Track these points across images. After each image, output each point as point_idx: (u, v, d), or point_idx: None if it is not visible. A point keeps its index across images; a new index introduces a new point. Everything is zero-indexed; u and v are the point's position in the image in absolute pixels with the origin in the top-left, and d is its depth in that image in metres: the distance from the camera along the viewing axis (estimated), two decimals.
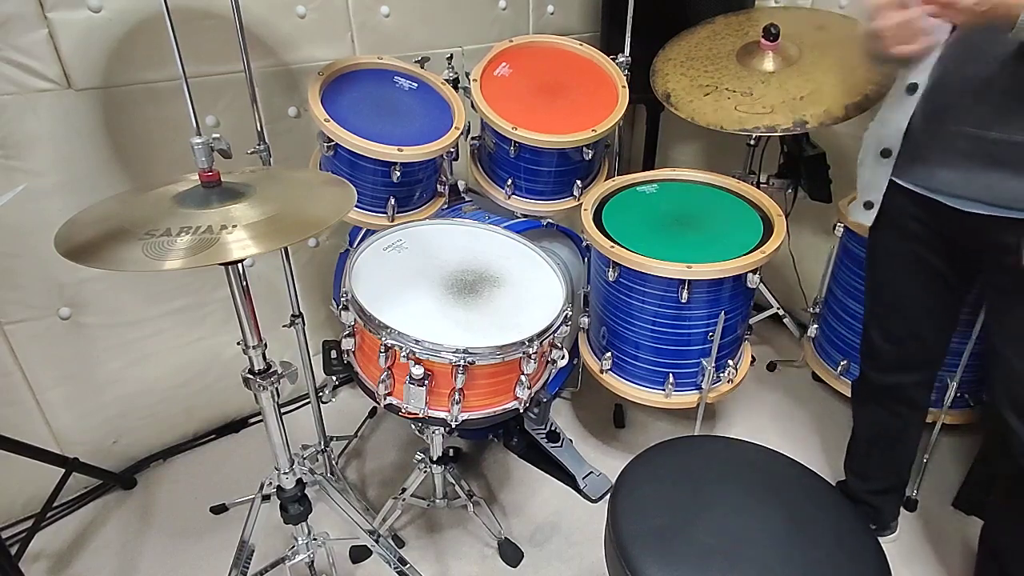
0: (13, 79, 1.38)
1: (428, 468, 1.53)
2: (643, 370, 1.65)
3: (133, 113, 1.55)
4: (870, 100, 1.62)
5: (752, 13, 2.05)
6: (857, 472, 1.61)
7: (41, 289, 1.54)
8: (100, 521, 1.71)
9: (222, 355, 1.91)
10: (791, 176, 2.07)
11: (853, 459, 1.62)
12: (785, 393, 2.18)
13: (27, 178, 1.45)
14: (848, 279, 1.78)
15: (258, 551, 1.31)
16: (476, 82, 1.69)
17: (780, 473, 1.08)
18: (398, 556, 1.39)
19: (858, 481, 1.60)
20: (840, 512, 1.01)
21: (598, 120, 1.67)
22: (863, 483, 1.59)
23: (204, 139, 1.00)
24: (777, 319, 2.33)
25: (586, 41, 1.85)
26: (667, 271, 1.46)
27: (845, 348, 1.82)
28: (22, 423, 1.61)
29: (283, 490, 1.25)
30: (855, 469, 1.61)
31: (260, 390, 1.13)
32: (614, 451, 1.94)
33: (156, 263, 0.84)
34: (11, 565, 1.28)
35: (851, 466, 1.63)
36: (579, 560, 1.59)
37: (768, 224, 1.59)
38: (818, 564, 0.91)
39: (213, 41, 1.60)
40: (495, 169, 1.78)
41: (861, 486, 1.59)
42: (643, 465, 1.09)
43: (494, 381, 1.21)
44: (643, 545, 0.94)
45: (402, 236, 1.43)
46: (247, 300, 1.07)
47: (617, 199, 1.73)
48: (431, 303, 1.25)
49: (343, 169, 1.53)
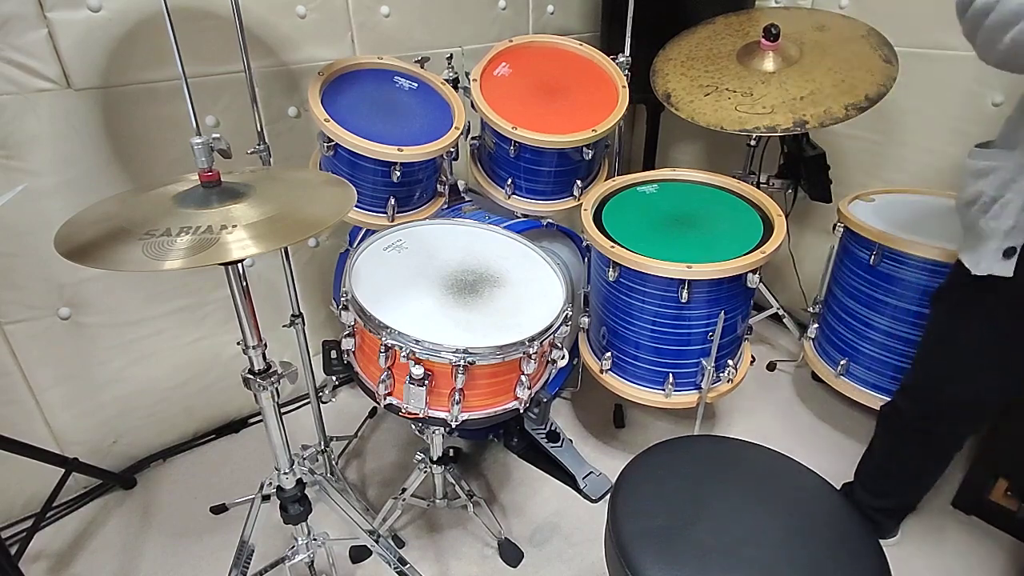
0: (13, 79, 1.38)
1: (428, 468, 1.53)
2: (643, 370, 1.65)
3: (133, 113, 1.55)
4: (870, 100, 1.62)
5: (752, 13, 2.06)
6: (868, 488, 1.56)
7: (41, 289, 1.54)
8: (100, 521, 1.71)
9: (222, 355, 1.91)
10: (791, 176, 2.07)
11: (867, 477, 1.56)
12: (785, 393, 2.18)
13: (27, 178, 1.45)
14: (848, 279, 1.78)
15: (258, 551, 1.31)
16: (476, 82, 1.69)
17: (780, 473, 1.08)
18: (398, 556, 1.39)
19: (867, 496, 1.55)
20: (840, 512, 1.01)
21: (598, 120, 1.67)
22: (873, 498, 1.54)
23: (204, 139, 1.00)
24: (777, 319, 2.33)
25: (586, 41, 1.85)
26: (667, 271, 1.46)
27: (845, 348, 1.82)
28: (22, 423, 1.61)
29: (283, 490, 1.25)
30: (867, 486, 1.56)
31: (260, 390, 1.13)
32: (614, 451, 1.94)
33: (156, 263, 0.84)
34: (11, 565, 1.28)
35: (863, 480, 1.57)
36: (579, 560, 1.59)
37: (768, 224, 1.59)
38: (818, 564, 0.91)
39: (213, 41, 1.60)
40: (495, 169, 1.78)
41: (869, 501, 1.55)
42: (643, 465, 1.09)
43: (494, 381, 1.21)
44: (643, 545, 0.94)
45: (402, 236, 1.43)
46: (247, 300, 1.07)
47: (617, 199, 1.73)
48: (431, 303, 1.25)
49: (343, 169, 1.53)
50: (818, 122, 1.62)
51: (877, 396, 1.76)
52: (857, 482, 1.59)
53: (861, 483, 1.58)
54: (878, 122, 2.02)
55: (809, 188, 2.04)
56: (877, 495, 1.55)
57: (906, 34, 1.84)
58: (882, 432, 1.52)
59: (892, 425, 1.47)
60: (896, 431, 1.47)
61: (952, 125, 1.88)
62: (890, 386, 1.74)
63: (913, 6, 1.86)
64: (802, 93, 1.69)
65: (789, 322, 2.33)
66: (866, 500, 1.55)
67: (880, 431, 1.52)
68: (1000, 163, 1.11)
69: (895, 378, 1.73)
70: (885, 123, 2.02)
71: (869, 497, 1.55)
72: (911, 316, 1.64)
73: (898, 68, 1.69)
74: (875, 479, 1.55)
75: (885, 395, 1.75)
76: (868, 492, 1.56)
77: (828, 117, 1.62)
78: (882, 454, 1.52)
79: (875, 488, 1.55)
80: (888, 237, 1.61)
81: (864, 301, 1.73)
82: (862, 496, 1.56)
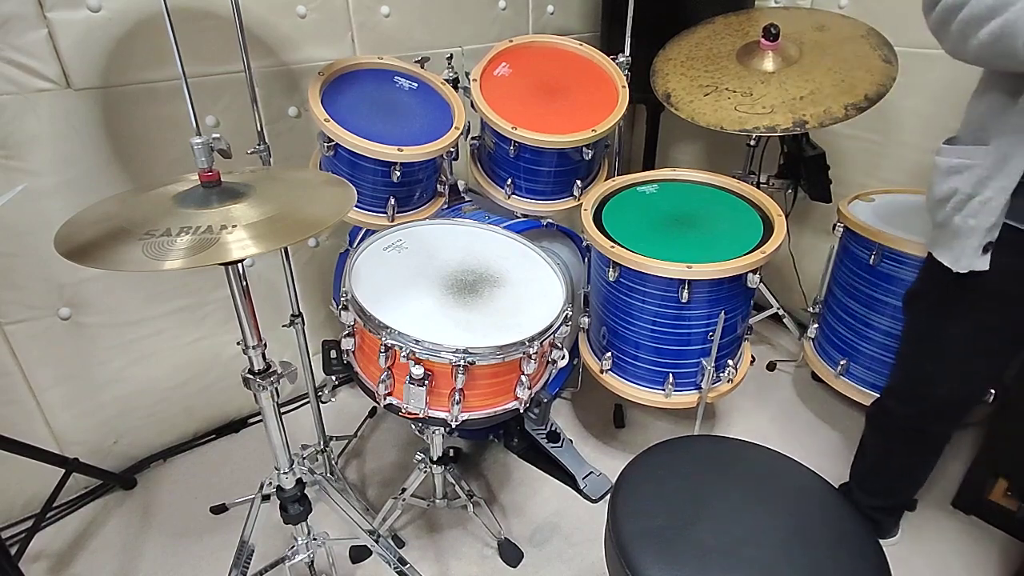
0: (13, 79, 1.38)
1: (428, 468, 1.53)
2: (643, 370, 1.65)
3: (133, 113, 1.55)
4: (870, 100, 1.62)
5: (752, 13, 2.06)
6: (863, 488, 1.56)
7: (41, 289, 1.54)
8: (100, 521, 1.71)
9: (222, 355, 1.91)
10: (791, 176, 2.07)
11: (861, 477, 1.57)
12: (785, 393, 2.18)
13: (27, 178, 1.45)
14: (848, 279, 1.78)
15: (258, 551, 1.31)
16: (476, 82, 1.69)
17: (780, 473, 1.08)
18: (398, 556, 1.39)
19: (864, 496, 1.55)
20: (840, 512, 1.01)
21: (598, 120, 1.67)
22: (869, 498, 1.55)
23: (204, 139, 1.00)
24: (777, 319, 2.33)
25: (586, 41, 1.85)
26: (667, 271, 1.46)
27: (845, 348, 1.82)
28: (22, 423, 1.61)
29: (283, 490, 1.25)
30: (863, 486, 1.56)
31: (260, 390, 1.12)
32: (614, 451, 1.94)
33: (156, 263, 0.84)
34: (11, 565, 1.28)
35: (857, 480, 1.58)
36: (579, 560, 1.59)
37: (768, 224, 1.59)
38: (818, 564, 0.91)
39: (213, 41, 1.60)
40: (495, 169, 1.78)
41: (866, 500, 1.55)
42: (643, 465, 1.09)
43: (494, 381, 1.21)
44: (643, 545, 0.94)
45: (402, 236, 1.43)
46: (247, 300, 1.07)
47: (617, 199, 1.73)
48: (431, 303, 1.25)
49: (343, 169, 1.53)
50: (818, 122, 1.62)
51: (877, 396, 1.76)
52: (853, 482, 1.59)
53: (857, 483, 1.58)
54: (878, 122, 2.02)
55: (809, 188, 2.04)
56: (873, 494, 1.55)
57: (906, 34, 1.84)
58: (871, 432, 1.52)
59: (881, 425, 1.47)
60: (886, 431, 1.47)
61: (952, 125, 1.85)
62: None
63: (913, 6, 1.85)
64: (802, 93, 1.69)
65: (789, 322, 2.33)
66: (863, 500, 1.55)
67: (869, 431, 1.52)
68: (975, 160, 1.09)
69: None
70: (885, 123, 2.02)
71: (866, 497, 1.55)
72: None
73: (898, 68, 1.69)
74: (869, 479, 1.55)
75: None
76: (864, 492, 1.56)
77: (828, 117, 1.62)
78: (874, 454, 1.52)
79: (870, 488, 1.55)
80: (888, 237, 1.61)
81: (864, 301, 1.73)
82: (859, 496, 1.56)
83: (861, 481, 1.57)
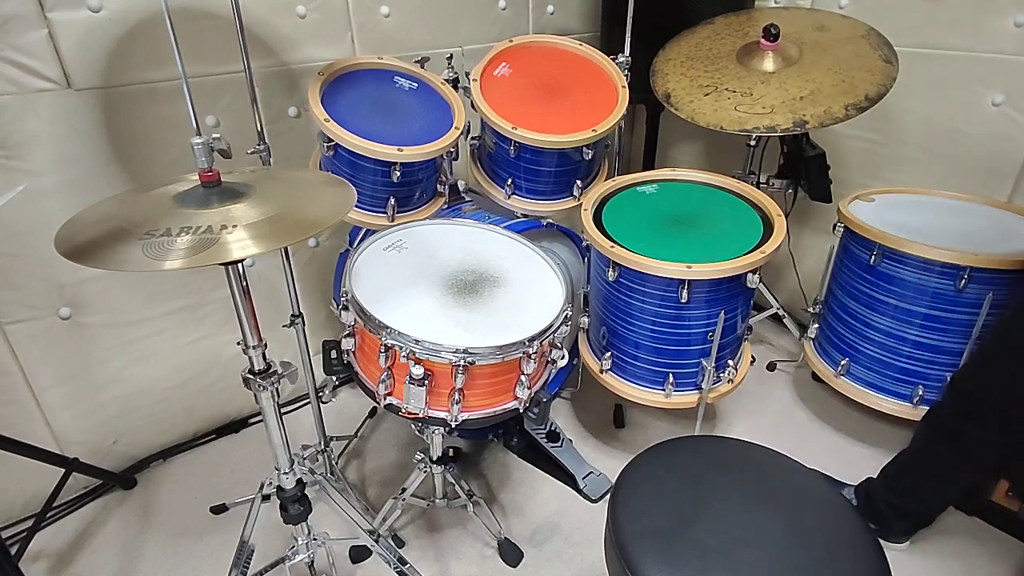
0: (13, 79, 1.38)
1: (428, 468, 1.53)
2: (643, 370, 1.65)
3: (133, 113, 1.55)
4: (870, 100, 1.62)
5: (752, 13, 2.06)
6: (888, 482, 1.55)
7: (41, 289, 1.54)
8: (100, 521, 1.71)
9: (222, 355, 1.91)
10: (791, 176, 2.07)
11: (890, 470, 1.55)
12: (785, 393, 2.18)
13: (27, 178, 1.45)
14: (848, 279, 1.78)
15: (258, 551, 1.31)
16: (476, 82, 1.69)
17: (780, 473, 1.08)
18: (398, 556, 1.39)
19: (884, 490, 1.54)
20: (840, 512, 1.01)
21: (598, 120, 1.67)
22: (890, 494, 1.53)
23: (204, 139, 1.00)
24: (777, 319, 2.33)
25: (586, 41, 1.85)
26: (667, 271, 1.46)
27: (845, 348, 1.82)
28: (22, 423, 1.61)
29: (283, 490, 1.25)
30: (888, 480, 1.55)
31: (260, 390, 1.12)
32: (614, 451, 1.94)
33: (156, 263, 0.84)
34: (11, 565, 1.28)
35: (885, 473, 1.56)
36: (579, 560, 1.59)
37: (768, 224, 1.59)
38: (818, 564, 0.91)
39: (213, 41, 1.60)
40: (495, 169, 1.78)
41: (884, 495, 1.54)
42: (643, 465, 1.09)
43: (494, 381, 1.21)
44: (643, 545, 0.94)
45: (402, 236, 1.43)
46: (247, 300, 1.07)
47: (617, 199, 1.73)
48: (431, 303, 1.25)
49: (343, 169, 1.53)
50: (818, 122, 1.62)
51: (877, 396, 1.76)
52: (881, 475, 1.58)
53: (884, 476, 1.57)
54: (878, 122, 2.02)
55: (809, 188, 2.04)
56: (894, 491, 1.54)
57: (906, 34, 1.84)
58: (921, 427, 1.51)
59: (930, 420, 1.48)
60: (932, 426, 1.47)
61: (952, 125, 1.88)
62: (890, 386, 1.74)
63: (913, 6, 1.86)
64: (802, 93, 1.69)
65: (789, 322, 2.33)
66: (882, 494, 1.55)
67: (920, 427, 1.51)
68: None
69: (895, 378, 1.73)
70: (885, 123, 2.02)
71: (886, 492, 1.55)
72: (911, 316, 1.64)
73: (898, 68, 1.69)
74: (898, 475, 1.54)
75: (885, 395, 1.75)
76: (886, 486, 1.55)
77: (828, 117, 1.62)
78: (913, 449, 1.52)
79: (894, 483, 1.54)
80: (888, 237, 1.61)
81: (864, 301, 1.73)
82: (880, 490, 1.56)
83: (888, 475, 1.56)
